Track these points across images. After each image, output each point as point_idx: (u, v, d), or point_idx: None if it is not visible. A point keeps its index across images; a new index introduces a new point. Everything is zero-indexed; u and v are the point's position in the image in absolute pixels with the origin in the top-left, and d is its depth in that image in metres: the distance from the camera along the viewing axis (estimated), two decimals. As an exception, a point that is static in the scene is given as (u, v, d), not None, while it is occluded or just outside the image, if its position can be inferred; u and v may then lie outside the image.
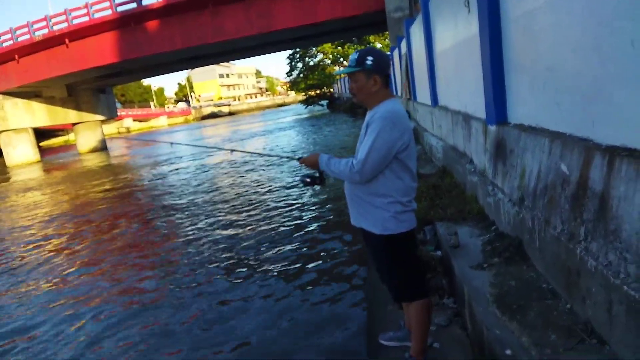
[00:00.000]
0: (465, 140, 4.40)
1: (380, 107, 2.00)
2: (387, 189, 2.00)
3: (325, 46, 40.87)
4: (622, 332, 1.54)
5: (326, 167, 2.08)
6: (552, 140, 2.27)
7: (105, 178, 14.93)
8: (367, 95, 2.04)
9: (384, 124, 1.91)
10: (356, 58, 2.00)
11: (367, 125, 2.00)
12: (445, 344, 2.43)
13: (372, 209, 2.05)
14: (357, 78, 2.02)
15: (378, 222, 2.04)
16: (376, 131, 1.91)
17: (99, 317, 4.24)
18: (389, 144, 1.92)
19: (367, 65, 1.97)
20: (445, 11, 5.06)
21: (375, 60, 1.98)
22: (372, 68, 1.98)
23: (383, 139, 1.90)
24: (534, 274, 2.35)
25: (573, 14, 2.04)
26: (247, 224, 6.79)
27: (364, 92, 2.03)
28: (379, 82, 2.00)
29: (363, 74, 1.99)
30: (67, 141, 46.50)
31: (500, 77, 3.15)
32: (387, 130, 1.91)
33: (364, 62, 1.98)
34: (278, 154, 2.53)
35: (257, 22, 18.37)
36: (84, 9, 20.32)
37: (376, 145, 1.90)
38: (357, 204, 2.12)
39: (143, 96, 77.47)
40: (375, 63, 1.98)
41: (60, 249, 6.82)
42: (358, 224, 2.17)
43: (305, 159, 2.22)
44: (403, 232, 2.05)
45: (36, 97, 26.78)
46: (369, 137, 1.93)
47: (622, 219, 1.57)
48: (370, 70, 1.98)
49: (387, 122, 1.92)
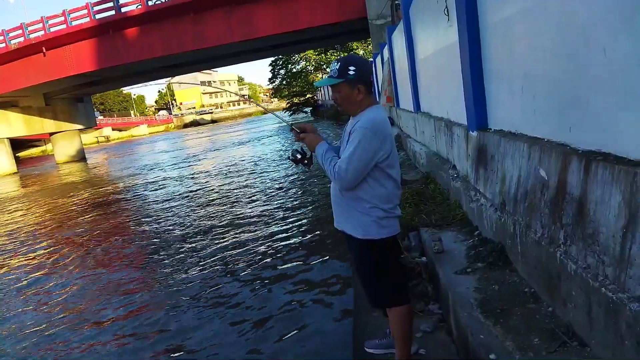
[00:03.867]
0: (448, 146, 4.45)
1: (362, 115, 2.00)
2: (369, 196, 2.00)
3: (308, 53, 41.02)
4: (602, 333, 1.57)
5: (320, 158, 2.04)
6: (531, 145, 2.31)
7: (83, 190, 14.57)
8: (351, 104, 2.02)
9: (364, 133, 1.91)
10: (338, 68, 1.97)
11: (349, 133, 2.00)
12: (431, 350, 2.43)
13: (354, 212, 2.04)
14: (340, 89, 2.00)
15: (360, 227, 2.04)
16: (356, 140, 1.91)
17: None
18: (369, 154, 1.92)
19: (349, 76, 1.96)
20: (426, 19, 5.14)
21: (357, 70, 1.96)
22: (355, 78, 1.96)
23: (363, 149, 1.90)
24: (517, 278, 2.38)
25: (548, 22, 2.09)
26: (228, 234, 6.72)
27: (347, 102, 2.02)
28: (363, 91, 1.99)
29: (346, 84, 1.97)
30: (45, 151, 45.48)
31: (480, 84, 3.20)
32: (367, 140, 1.91)
33: (347, 73, 1.96)
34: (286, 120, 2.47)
35: (239, 29, 18.33)
36: (62, 16, 20.00)
37: (357, 155, 1.91)
38: (340, 207, 2.11)
39: (123, 104, 76.39)
40: (357, 73, 1.96)
41: (30, 270, 6.53)
42: (340, 227, 2.16)
43: (305, 136, 2.11)
44: (384, 237, 2.05)
45: (12, 106, 26.15)
46: (350, 146, 1.93)
47: (599, 223, 1.60)
48: (353, 80, 1.96)
49: (367, 131, 1.92)
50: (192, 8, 18.19)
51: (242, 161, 15.95)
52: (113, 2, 19.18)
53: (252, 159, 15.95)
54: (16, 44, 20.71)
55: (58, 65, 20.68)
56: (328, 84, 2.02)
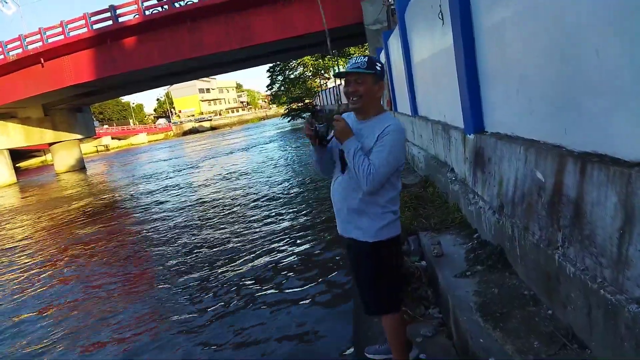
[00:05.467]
0: (446, 149, 4.46)
1: (387, 118, 2.01)
2: (385, 199, 2.01)
3: (306, 58, 41.18)
4: (601, 335, 1.56)
5: (353, 153, 1.91)
6: (527, 148, 2.31)
7: (83, 200, 14.53)
8: (371, 100, 2.02)
9: (398, 139, 1.94)
10: (366, 61, 1.98)
11: (378, 136, 1.93)
12: (432, 355, 2.42)
13: (363, 217, 2.03)
14: (365, 80, 1.98)
15: (372, 231, 2.03)
16: (390, 145, 1.91)
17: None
18: (399, 160, 1.96)
19: (377, 70, 1.99)
20: (421, 23, 5.16)
21: (382, 69, 2.02)
22: (380, 74, 2.01)
23: (396, 154, 1.93)
24: (516, 281, 2.37)
25: (541, 24, 2.10)
26: (227, 238, 6.71)
27: (369, 95, 2.00)
28: (382, 90, 2.05)
29: (373, 77, 1.99)
30: (45, 161, 45.47)
31: (475, 87, 3.21)
32: (399, 146, 1.95)
33: (375, 67, 1.98)
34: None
35: (236, 36, 18.40)
36: (59, 27, 20.06)
37: (391, 160, 1.91)
38: (347, 213, 2.07)
39: (122, 113, 76.50)
40: (382, 71, 2.02)
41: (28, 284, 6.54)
42: (348, 234, 2.12)
43: (342, 122, 1.98)
44: (392, 237, 2.07)
45: (11, 117, 26.19)
46: (384, 149, 1.90)
47: (596, 224, 1.60)
48: (378, 76, 2.00)
49: (400, 137, 1.95)
50: (189, 17, 18.28)
51: (246, 170, 15.77)
52: (110, 12, 19.25)
53: (257, 168, 15.70)
54: (14, 56, 20.76)
55: (56, 75, 20.72)
56: (357, 71, 1.97)
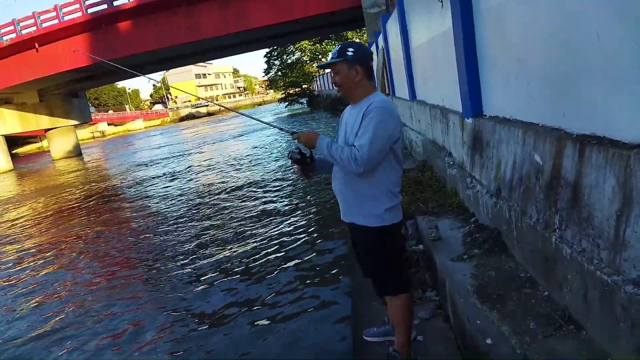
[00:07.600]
0: (444, 134, 4.45)
1: (372, 98, 2.00)
2: (383, 181, 2.01)
3: (303, 43, 40.73)
4: (597, 316, 1.58)
5: (327, 150, 1.95)
6: (526, 131, 2.31)
7: (79, 187, 14.46)
8: (351, 86, 2.02)
9: (382, 113, 1.91)
10: (337, 50, 2.01)
11: (362, 116, 1.94)
12: (429, 337, 2.45)
13: (367, 201, 2.02)
14: (338, 69, 2.01)
15: (373, 215, 2.03)
16: (376, 121, 1.89)
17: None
18: (389, 133, 1.93)
19: (348, 56, 1.98)
20: (420, 6, 5.09)
21: (355, 51, 1.99)
22: (352, 58, 1.98)
23: (384, 129, 1.90)
24: (513, 264, 2.39)
25: (541, 7, 2.08)
26: (227, 226, 6.73)
27: (347, 83, 2.02)
28: (361, 73, 2.00)
29: (345, 64, 1.99)
30: (41, 147, 45.20)
31: (474, 70, 3.18)
32: (385, 120, 1.92)
33: (345, 53, 1.99)
34: (277, 126, 2.45)
35: (233, 20, 18.15)
36: (53, 11, 19.73)
37: (378, 135, 1.88)
38: (350, 198, 2.08)
39: (118, 99, 75.88)
40: (356, 53, 1.99)
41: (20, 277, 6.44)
42: (349, 219, 2.13)
43: (301, 134, 2.05)
44: (396, 223, 2.08)
45: (6, 103, 25.94)
46: (369, 127, 1.89)
47: (594, 207, 1.61)
48: (351, 60, 1.98)
49: (384, 111, 1.93)
50: (184, 0, 18.01)
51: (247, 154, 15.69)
52: (105, -5, 18.98)
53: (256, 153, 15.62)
54: (8, 41, 20.47)
55: (51, 60, 20.46)
56: (327, 63, 2.05)
